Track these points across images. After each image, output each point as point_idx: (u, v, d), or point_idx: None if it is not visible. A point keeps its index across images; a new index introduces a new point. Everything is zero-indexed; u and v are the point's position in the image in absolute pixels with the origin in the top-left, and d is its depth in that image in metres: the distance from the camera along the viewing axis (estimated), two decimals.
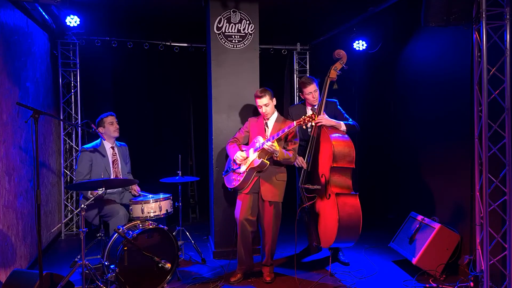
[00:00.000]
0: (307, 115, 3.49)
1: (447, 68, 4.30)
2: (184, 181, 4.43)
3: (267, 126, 3.84)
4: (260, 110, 3.82)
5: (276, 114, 3.88)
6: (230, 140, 4.03)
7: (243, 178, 3.70)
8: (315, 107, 4.10)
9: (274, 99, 3.85)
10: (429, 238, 3.95)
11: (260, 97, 3.78)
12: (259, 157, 3.65)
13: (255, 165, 3.64)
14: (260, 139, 3.71)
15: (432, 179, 4.61)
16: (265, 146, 3.58)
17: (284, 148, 3.75)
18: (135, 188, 4.20)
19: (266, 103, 3.77)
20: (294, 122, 3.51)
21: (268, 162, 3.67)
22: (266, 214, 3.79)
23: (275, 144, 3.58)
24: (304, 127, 3.55)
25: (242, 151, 3.85)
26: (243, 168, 3.73)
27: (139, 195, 4.08)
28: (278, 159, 3.66)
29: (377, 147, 5.83)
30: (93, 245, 4.53)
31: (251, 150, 3.76)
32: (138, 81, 6.06)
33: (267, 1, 4.63)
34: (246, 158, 3.74)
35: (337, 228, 3.60)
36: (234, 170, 3.82)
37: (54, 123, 5.44)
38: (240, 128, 4.07)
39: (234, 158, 3.79)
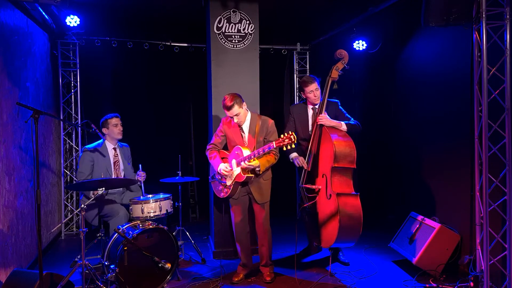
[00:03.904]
0: (286, 135, 3.29)
1: (447, 68, 4.29)
2: (184, 181, 4.44)
3: (243, 131, 3.72)
4: (232, 120, 3.65)
5: (249, 116, 3.70)
6: (209, 146, 3.89)
7: (230, 190, 3.70)
8: (316, 106, 4.10)
9: (244, 103, 3.62)
10: (429, 238, 3.94)
11: (229, 108, 3.52)
12: (243, 172, 3.57)
13: (241, 181, 3.62)
14: (240, 152, 3.58)
15: (432, 179, 4.61)
16: (243, 166, 3.52)
17: (264, 140, 3.65)
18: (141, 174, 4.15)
19: (237, 113, 3.56)
20: (274, 143, 3.35)
21: (253, 175, 3.62)
22: (259, 216, 3.79)
23: (254, 161, 3.50)
24: (284, 148, 3.31)
25: (223, 159, 3.77)
26: (229, 182, 3.69)
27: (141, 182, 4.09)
28: (261, 172, 3.61)
29: (377, 147, 5.83)
30: (93, 245, 4.52)
31: (234, 162, 3.66)
32: (138, 81, 6.06)
33: (267, 1, 4.63)
34: (230, 170, 3.65)
35: (338, 228, 3.59)
36: (220, 182, 3.78)
37: (54, 123, 5.44)
38: (215, 131, 3.92)
39: (218, 170, 3.69)
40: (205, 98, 5.02)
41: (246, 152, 3.56)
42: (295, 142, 3.31)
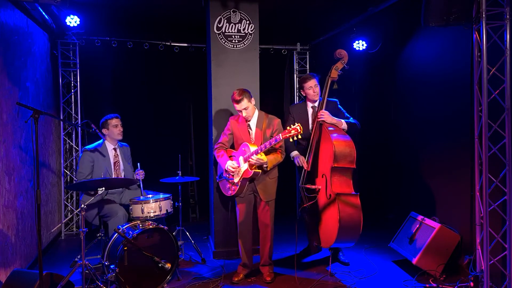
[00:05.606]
0: (292, 127, 3.33)
1: (447, 68, 4.29)
2: (184, 181, 4.44)
3: (250, 128, 3.78)
4: (240, 114, 3.72)
5: (256, 113, 3.79)
6: (216, 146, 3.94)
7: (238, 187, 3.71)
8: (316, 104, 4.10)
9: (253, 99, 3.72)
10: (429, 238, 3.94)
11: (238, 101, 3.61)
12: (251, 168, 3.60)
13: (248, 176, 3.64)
14: (247, 148, 3.63)
15: (432, 179, 4.61)
16: (251, 161, 3.56)
17: (270, 137, 3.69)
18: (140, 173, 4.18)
19: (246, 107, 3.63)
20: (280, 135, 3.40)
21: (260, 171, 3.65)
22: (264, 213, 3.82)
23: (262, 156, 3.55)
24: (290, 139, 3.39)
25: (231, 157, 3.81)
26: (236, 179, 3.70)
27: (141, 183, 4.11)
28: (268, 169, 3.65)
29: (377, 147, 5.83)
30: (93, 245, 4.53)
31: (241, 158, 3.69)
32: (138, 81, 6.06)
33: (267, 1, 4.63)
34: (237, 167, 3.70)
35: (338, 228, 3.59)
36: (227, 180, 3.81)
37: (54, 123, 5.44)
38: (223, 130, 3.97)
39: (226, 168, 3.74)
40: (205, 98, 5.02)
41: (253, 148, 3.60)
42: (302, 132, 3.35)
